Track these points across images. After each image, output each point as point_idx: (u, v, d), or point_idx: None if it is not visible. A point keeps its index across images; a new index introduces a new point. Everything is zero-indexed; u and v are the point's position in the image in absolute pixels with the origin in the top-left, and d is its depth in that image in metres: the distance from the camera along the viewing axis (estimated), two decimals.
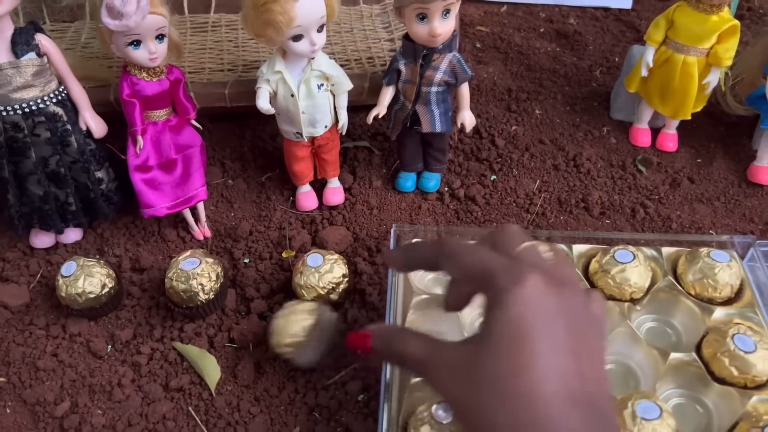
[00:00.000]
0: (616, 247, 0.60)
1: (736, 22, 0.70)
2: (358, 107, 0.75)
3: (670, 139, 0.79)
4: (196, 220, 0.70)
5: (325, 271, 0.59)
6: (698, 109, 0.77)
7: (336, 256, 0.60)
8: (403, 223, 0.71)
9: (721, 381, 0.53)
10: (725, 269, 0.58)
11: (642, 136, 0.80)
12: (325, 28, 0.62)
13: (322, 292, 0.59)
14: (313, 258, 0.59)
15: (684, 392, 0.55)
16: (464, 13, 1.02)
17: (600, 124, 0.83)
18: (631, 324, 0.58)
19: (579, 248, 0.63)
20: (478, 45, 0.96)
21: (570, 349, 0.36)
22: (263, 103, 0.62)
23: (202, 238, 0.70)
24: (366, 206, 0.72)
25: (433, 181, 0.74)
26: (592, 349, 0.38)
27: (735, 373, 0.52)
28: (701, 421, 0.54)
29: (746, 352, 0.52)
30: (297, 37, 0.60)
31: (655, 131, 0.81)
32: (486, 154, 0.78)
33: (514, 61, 0.93)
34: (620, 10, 1.01)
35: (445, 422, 0.48)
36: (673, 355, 0.54)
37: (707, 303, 0.59)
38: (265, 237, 0.70)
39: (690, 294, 0.59)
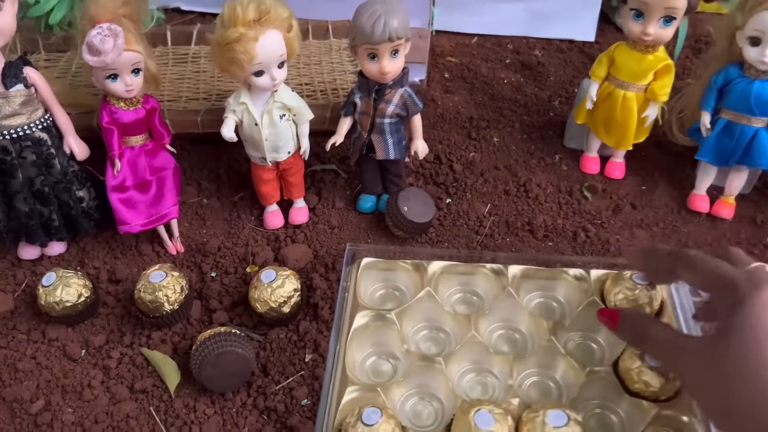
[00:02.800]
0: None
1: (670, 61, 0.75)
2: (327, 132, 0.81)
3: (617, 168, 0.84)
4: (171, 236, 0.77)
5: (277, 286, 0.64)
6: (640, 140, 0.82)
7: (289, 272, 0.66)
8: (360, 242, 0.77)
9: (634, 394, 0.58)
10: (644, 291, 0.63)
11: (591, 164, 0.85)
12: (285, 64, 0.68)
13: (274, 305, 0.64)
14: (266, 274, 0.65)
15: (600, 403, 0.60)
16: (436, 44, 1.08)
17: (553, 152, 0.88)
18: (556, 340, 0.63)
19: (514, 269, 0.68)
20: (446, 75, 1.02)
21: None
22: (227, 132, 0.69)
23: (175, 252, 0.76)
24: (327, 225, 0.78)
25: None
26: None
27: (643, 387, 0.57)
28: (615, 430, 0.58)
29: (652, 368, 0.57)
30: (258, 73, 0.66)
31: (605, 159, 0.86)
32: (443, 179, 0.84)
33: (479, 90, 0.99)
34: (584, 42, 1.07)
35: (371, 424, 0.53)
36: (591, 369, 0.59)
37: None
38: (233, 253, 0.76)
39: None
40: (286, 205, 0.80)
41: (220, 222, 0.80)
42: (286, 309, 0.65)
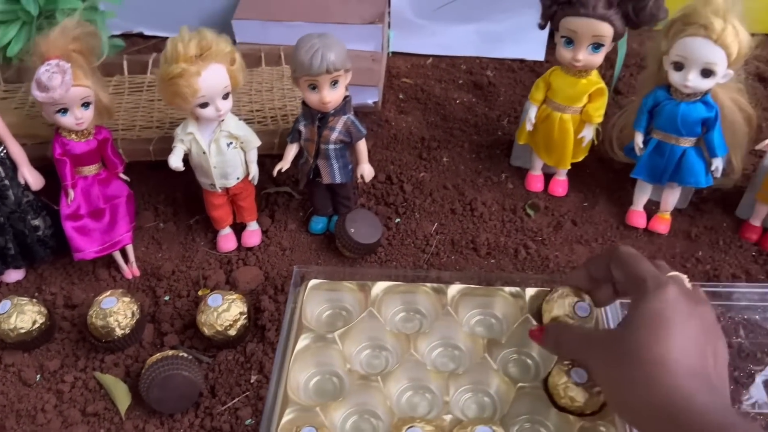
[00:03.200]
0: None
1: (603, 85, 0.79)
2: (279, 156, 0.84)
3: (559, 185, 0.88)
4: (127, 260, 0.79)
5: (223, 310, 0.67)
6: (579, 159, 0.85)
7: (235, 296, 0.69)
8: (311, 263, 0.80)
9: (561, 408, 0.61)
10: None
11: (535, 182, 0.89)
12: (230, 95, 0.71)
13: (220, 329, 0.67)
14: (213, 298, 0.68)
15: (530, 417, 0.63)
16: (392, 65, 1.12)
17: (500, 171, 0.91)
18: (493, 357, 0.66)
19: (454, 288, 0.71)
20: (401, 96, 1.06)
21: (698, 343, 0.47)
22: (174, 161, 0.71)
23: (131, 277, 0.79)
24: (279, 247, 0.81)
25: None
26: (718, 351, 0.48)
27: (569, 402, 0.60)
28: None
29: (578, 384, 0.60)
30: (203, 105, 0.69)
31: (550, 177, 0.89)
32: (394, 199, 0.87)
33: (431, 111, 1.02)
34: (534, 61, 1.10)
35: None
36: (521, 385, 0.62)
37: None
38: (186, 276, 0.78)
39: None
40: (241, 228, 0.83)
41: (175, 246, 0.83)
42: (232, 332, 0.68)
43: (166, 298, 0.76)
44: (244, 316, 0.69)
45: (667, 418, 0.45)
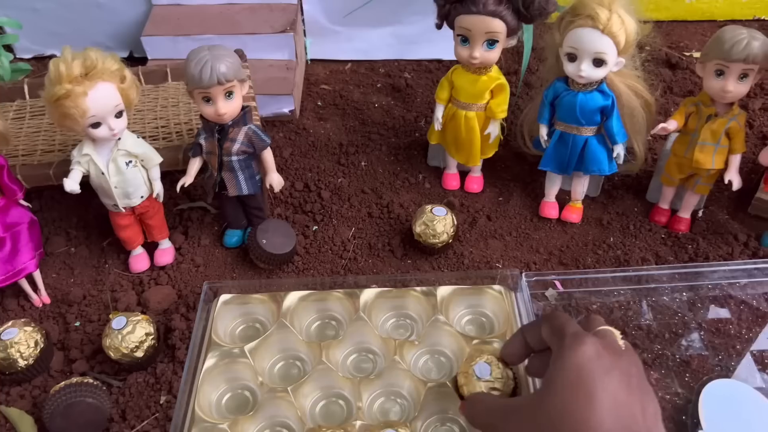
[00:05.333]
0: None
1: (504, 80, 0.80)
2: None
3: (474, 182, 0.88)
4: (36, 288, 0.77)
5: (128, 332, 0.65)
6: (489, 156, 0.86)
7: (140, 317, 0.67)
8: (225, 278, 0.79)
9: None
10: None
11: (451, 181, 0.89)
12: (125, 113, 0.69)
13: (126, 352, 0.65)
14: (117, 321, 0.66)
15: (441, 416, 0.63)
16: (311, 72, 1.11)
17: (417, 172, 0.92)
18: (406, 358, 0.66)
19: (367, 292, 0.71)
20: (319, 103, 1.05)
21: (621, 400, 0.43)
22: (69, 184, 0.70)
23: (41, 305, 0.77)
24: (192, 264, 0.80)
25: None
26: (645, 405, 0.44)
27: None
28: None
29: (479, 379, 0.60)
30: (95, 125, 0.67)
31: (466, 174, 0.90)
32: (311, 207, 0.86)
33: (350, 116, 1.02)
34: (451, 61, 1.11)
35: None
36: (430, 385, 0.62)
37: (471, 336, 0.67)
38: (97, 300, 0.77)
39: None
40: (154, 246, 0.81)
41: (88, 270, 0.81)
42: (139, 354, 0.66)
43: (77, 323, 0.74)
44: (151, 336, 0.67)
45: None
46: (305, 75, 1.10)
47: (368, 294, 0.71)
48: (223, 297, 0.72)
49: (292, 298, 0.71)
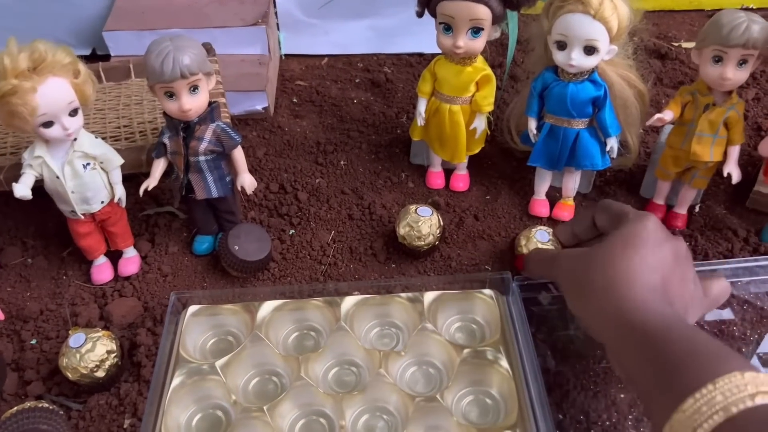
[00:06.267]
0: None
1: (489, 71, 0.75)
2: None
3: (460, 180, 0.84)
4: None
5: (87, 350, 0.60)
6: (475, 152, 0.82)
7: (101, 333, 0.62)
8: (195, 288, 0.73)
9: None
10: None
11: (436, 179, 0.84)
12: (80, 111, 0.64)
13: (85, 372, 0.60)
14: (75, 338, 0.61)
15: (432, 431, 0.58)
16: (285, 68, 1.06)
17: (400, 170, 0.87)
18: (392, 370, 0.61)
19: (349, 300, 0.66)
20: (295, 100, 1.00)
21: (665, 265, 0.51)
22: (20, 190, 0.64)
23: None
24: (159, 274, 0.74)
25: None
26: (685, 276, 0.52)
27: None
28: None
29: (539, 241, 0.68)
30: (47, 124, 0.62)
31: (451, 172, 0.85)
32: (287, 209, 0.81)
33: (328, 113, 0.97)
34: (433, 54, 1.06)
35: None
36: (419, 399, 0.58)
37: (461, 345, 0.62)
38: (56, 315, 0.71)
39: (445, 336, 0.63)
40: (119, 255, 0.75)
41: (46, 282, 0.75)
42: (100, 374, 0.60)
43: (33, 341, 0.68)
44: (114, 354, 0.62)
45: (615, 325, 0.48)
46: (279, 71, 1.05)
47: (350, 302, 0.67)
48: (192, 308, 0.67)
49: (267, 307, 0.66)
